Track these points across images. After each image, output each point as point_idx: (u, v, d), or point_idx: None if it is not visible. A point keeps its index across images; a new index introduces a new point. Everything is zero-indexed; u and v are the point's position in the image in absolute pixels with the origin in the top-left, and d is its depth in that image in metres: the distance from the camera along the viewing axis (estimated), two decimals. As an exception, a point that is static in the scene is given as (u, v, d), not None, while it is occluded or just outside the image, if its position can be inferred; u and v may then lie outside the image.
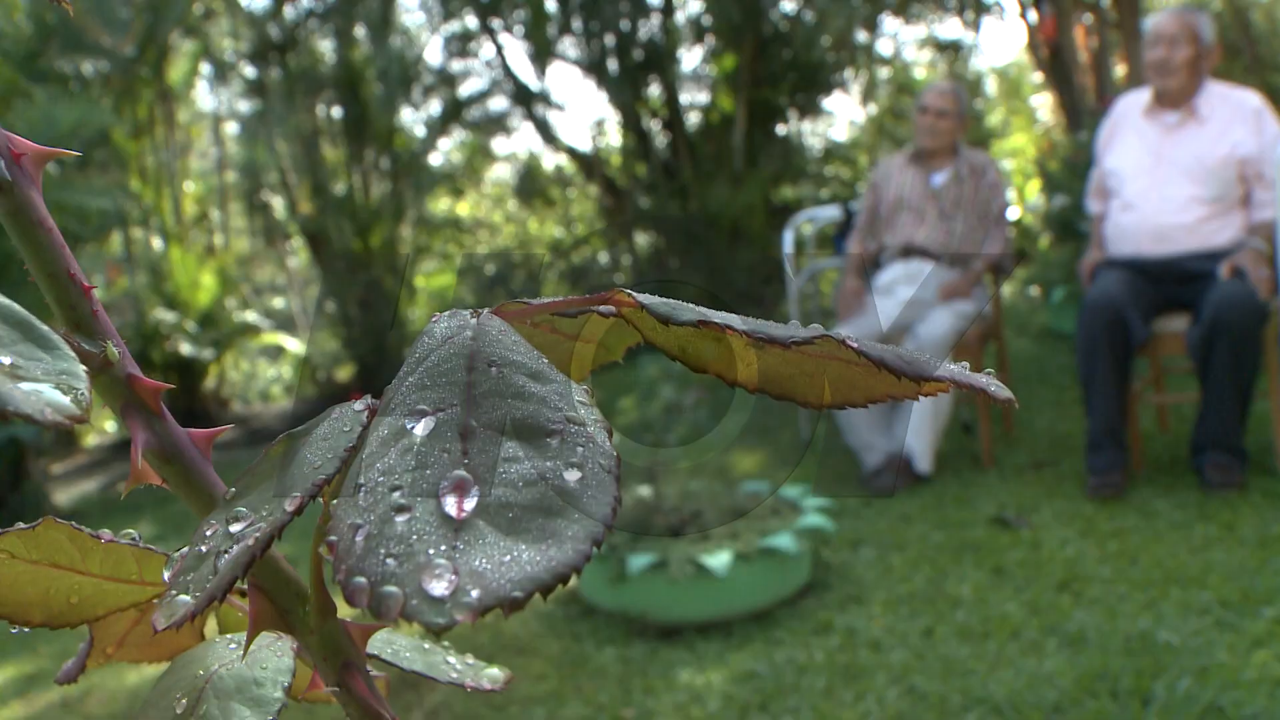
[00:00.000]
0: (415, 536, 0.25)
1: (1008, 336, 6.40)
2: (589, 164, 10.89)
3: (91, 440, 8.43)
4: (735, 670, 2.72)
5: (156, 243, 8.97)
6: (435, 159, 11.46)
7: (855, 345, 0.33)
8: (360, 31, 10.13)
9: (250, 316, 9.82)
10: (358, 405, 0.32)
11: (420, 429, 0.28)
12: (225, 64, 10.28)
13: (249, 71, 10.13)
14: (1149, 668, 2.44)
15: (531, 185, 11.95)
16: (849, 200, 5.26)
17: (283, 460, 0.31)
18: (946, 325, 3.98)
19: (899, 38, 13.16)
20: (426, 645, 0.43)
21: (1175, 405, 4.37)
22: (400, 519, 0.25)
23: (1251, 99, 3.73)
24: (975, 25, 10.95)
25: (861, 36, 9.96)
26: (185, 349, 8.21)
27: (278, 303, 13.61)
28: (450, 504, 0.26)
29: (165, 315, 8.20)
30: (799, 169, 10.57)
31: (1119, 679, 2.41)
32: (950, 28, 14.29)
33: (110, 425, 8.32)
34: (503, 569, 0.24)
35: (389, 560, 0.24)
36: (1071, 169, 6.13)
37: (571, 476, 0.27)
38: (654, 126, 10.61)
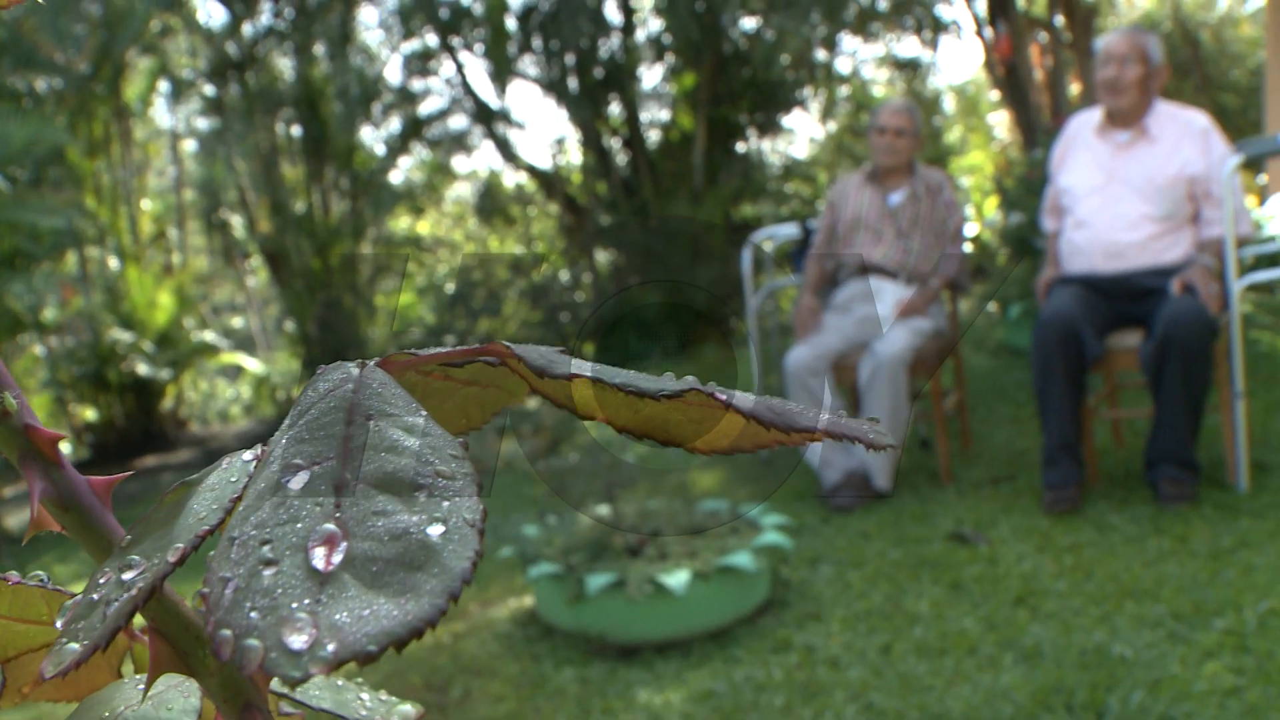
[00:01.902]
0: (280, 590, 0.25)
1: (965, 352, 6.45)
2: (549, 182, 10.90)
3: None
4: (694, 689, 2.72)
5: (113, 262, 8.89)
6: (395, 177, 11.43)
7: (723, 398, 0.34)
8: (320, 49, 10.11)
9: (209, 336, 9.75)
10: (247, 455, 0.33)
11: (295, 482, 0.28)
12: (183, 81, 10.22)
13: (207, 89, 10.08)
14: (1103, 681, 2.46)
15: (491, 203, 11.94)
16: (808, 218, 5.29)
17: (174, 509, 0.32)
18: (904, 342, 4.01)
19: (858, 56, 13.29)
20: (340, 682, 0.43)
21: (1130, 420, 4.42)
22: (268, 572, 0.26)
23: (1200, 119, 3.79)
24: (933, 44, 11.06)
25: (820, 55, 10.03)
26: (142, 369, 8.14)
27: (237, 322, 13.51)
28: (318, 557, 0.26)
29: (122, 335, 8.12)
30: (759, 186, 10.63)
31: (1074, 693, 2.43)
32: (909, 46, 14.44)
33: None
34: (361, 623, 0.24)
35: (253, 613, 0.25)
36: (1027, 186, 6.19)
37: (435, 531, 0.27)
38: (614, 144, 10.64)
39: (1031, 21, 9.05)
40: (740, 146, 10.54)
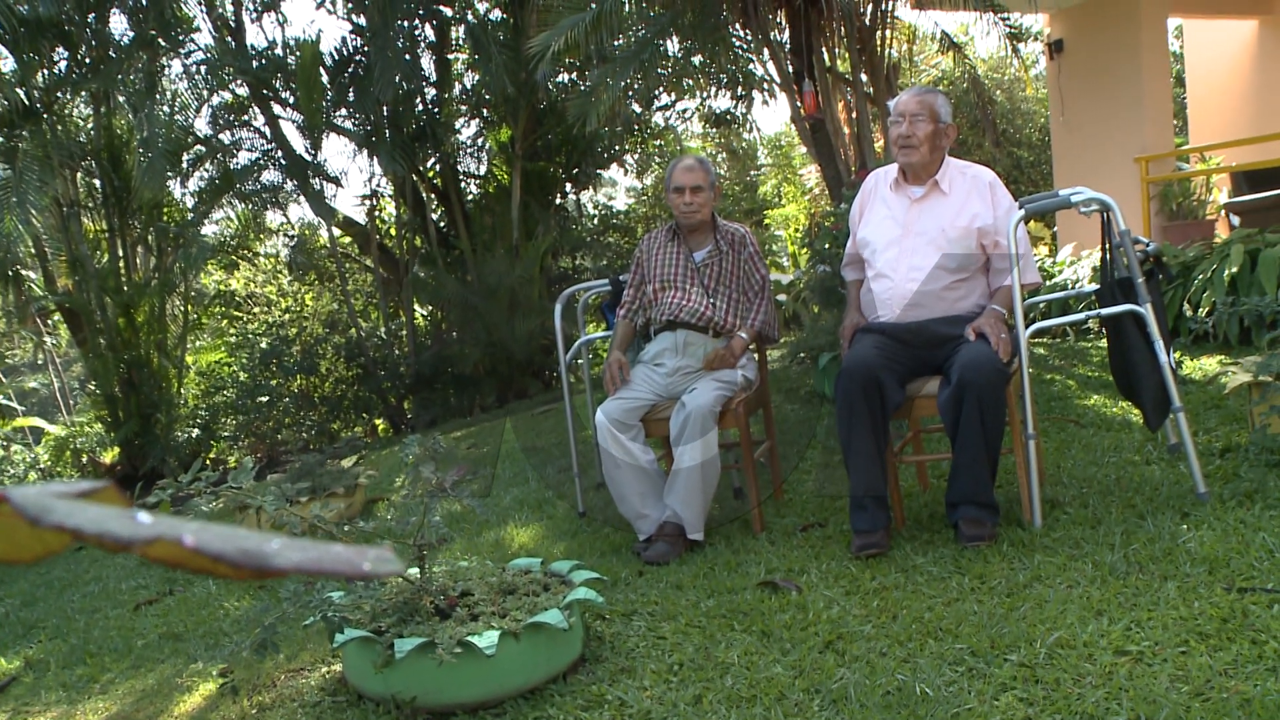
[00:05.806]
0: None
1: (777, 401, 6.58)
2: (365, 236, 10.73)
3: None
4: (505, 753, 2.66)
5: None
6: (207, 230, 11.07)
7: (192, 545, 0.34)
8: (123, 98, 9.75)
9: (1, 399, 9.22)
10: None
11: None
12: (-30, 130, 9.69)
13: (-2, 138, 9.59)
14: (905, 722, 2.51)
15: (306, 258, 11.66)
16: (620, 272, 5.33)
17: None
18: (713, 394, 4.06)
19: (673, 108, 13.56)
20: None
21: (934, 463, 4.56)
22: None
23: (986, 174, 3.98)
24: (746, 99, 11.37)
25: (635, 108, 10.18)
26: (-77, 436, 7.63)
27: (35, 383, 12.83)
28: None
29: (-101, 400, 7.61)
30: (577, 239, 10.69)
31: (877, 736, 2.47)
32: (723, 101, 14.74)
33: None
34: None
35: None
36: (834, 238, 6.39)
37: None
38: (431, 198, 10.55)
39: (838, 78, 9.38)
40: (557, 199, 10.60)
